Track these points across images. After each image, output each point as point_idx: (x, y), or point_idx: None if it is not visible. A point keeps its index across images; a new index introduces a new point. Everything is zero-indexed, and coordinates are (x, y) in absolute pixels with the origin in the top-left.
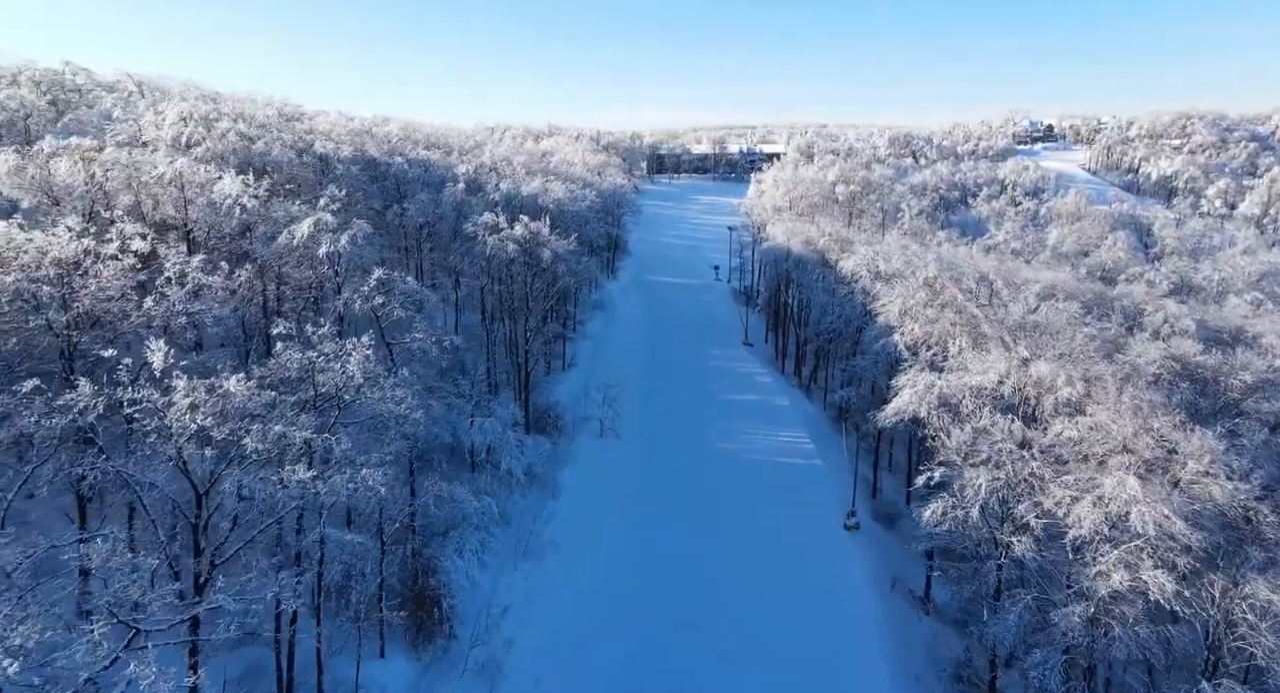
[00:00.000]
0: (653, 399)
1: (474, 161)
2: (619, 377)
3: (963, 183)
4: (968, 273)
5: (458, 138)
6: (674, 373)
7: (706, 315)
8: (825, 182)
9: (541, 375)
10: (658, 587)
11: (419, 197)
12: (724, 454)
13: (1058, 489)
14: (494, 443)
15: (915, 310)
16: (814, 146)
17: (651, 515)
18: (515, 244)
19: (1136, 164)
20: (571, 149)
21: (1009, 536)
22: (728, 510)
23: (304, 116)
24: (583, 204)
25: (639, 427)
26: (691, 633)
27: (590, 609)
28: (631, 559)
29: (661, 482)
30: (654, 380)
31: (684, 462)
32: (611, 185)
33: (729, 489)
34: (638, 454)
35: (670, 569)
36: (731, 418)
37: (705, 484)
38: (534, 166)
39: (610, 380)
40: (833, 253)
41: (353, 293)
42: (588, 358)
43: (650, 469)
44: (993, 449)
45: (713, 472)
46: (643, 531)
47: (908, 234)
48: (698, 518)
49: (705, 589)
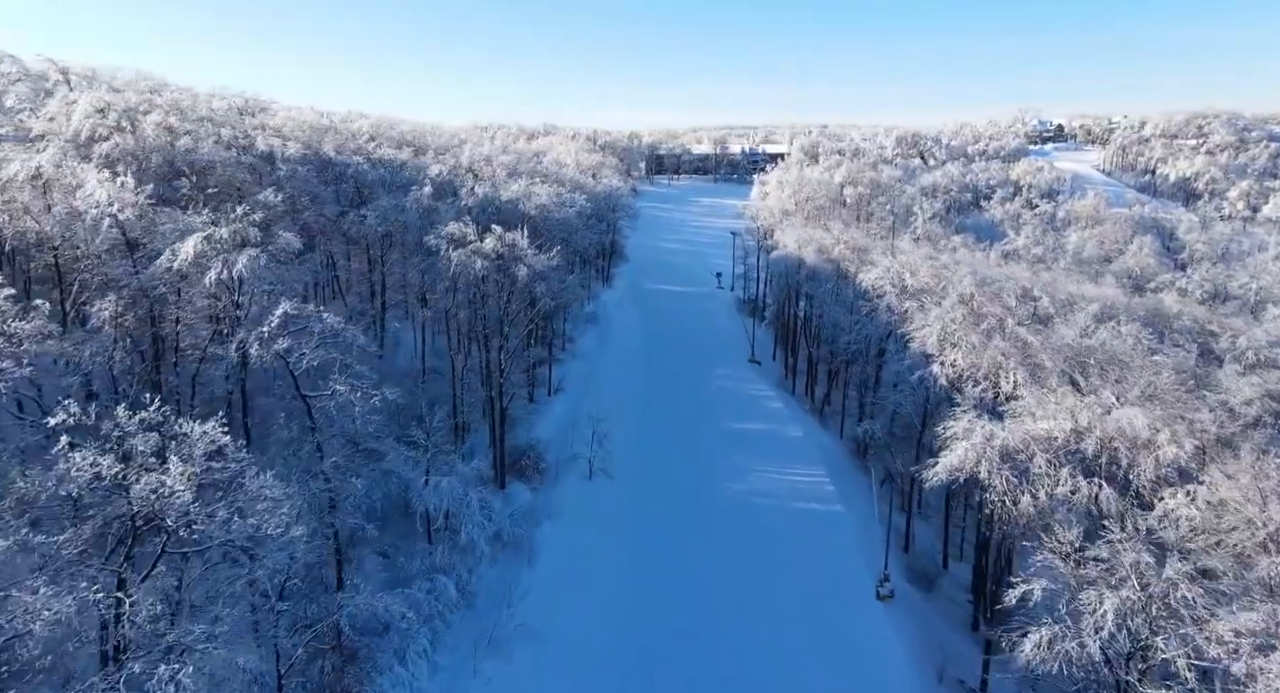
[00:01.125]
0: (650, 430)
1: (451, 162)
2: (612, 403)
3: (974, 184)
4: (1007, 288)
5: (436, 136)
6: (674, 396)
7: (709, 328)
8: (832, 183)
9: (523, 406)
10: (656, 686)
11: (379, 202)
12: (731, 499)
13: (1222, 626)
14: (453, 507)
15: (957, 335)
16: (819, 147)
17: (647, 586)
18: (485, 260)
19: (1153, 165)
20: (565, 149)
21: (1147, 687)
22: (738, 574)
23: (263, 111)
24: (570, 210)
25: (634, 465)
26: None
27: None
28: (620, 647)
29: (659, 537)
30: (652, 406)
31: (686, 510)
32: (606, 188)
33: (738, 545)
34: (632, 501)
35: (670, 661)
36: (739, 452)
37: (711, 539)
38: (520, 167)
39: (602, 409)
40: (849, 263)
41: (249, 335)
42: (578, 381)
43: (646, 521)
44: (1117, 558)
45: (719, 522)
46: (636, 607)
47: (920, 239)
48: (702, 586)
49: (715, 680)
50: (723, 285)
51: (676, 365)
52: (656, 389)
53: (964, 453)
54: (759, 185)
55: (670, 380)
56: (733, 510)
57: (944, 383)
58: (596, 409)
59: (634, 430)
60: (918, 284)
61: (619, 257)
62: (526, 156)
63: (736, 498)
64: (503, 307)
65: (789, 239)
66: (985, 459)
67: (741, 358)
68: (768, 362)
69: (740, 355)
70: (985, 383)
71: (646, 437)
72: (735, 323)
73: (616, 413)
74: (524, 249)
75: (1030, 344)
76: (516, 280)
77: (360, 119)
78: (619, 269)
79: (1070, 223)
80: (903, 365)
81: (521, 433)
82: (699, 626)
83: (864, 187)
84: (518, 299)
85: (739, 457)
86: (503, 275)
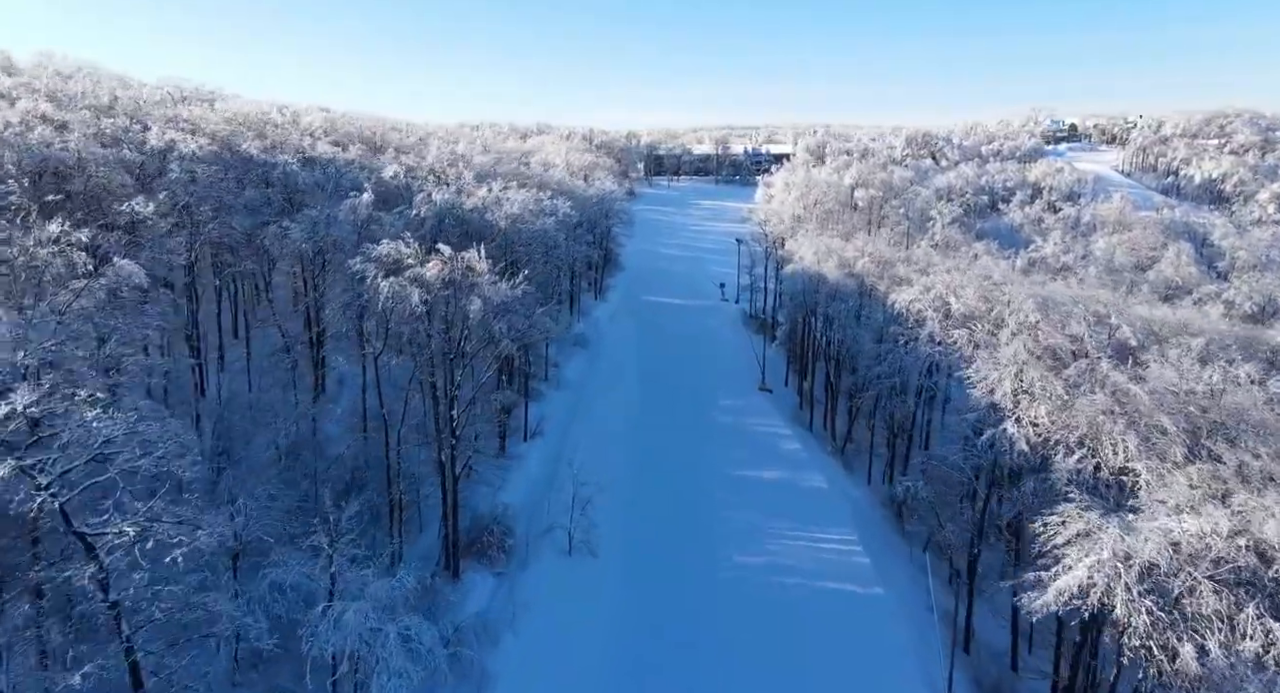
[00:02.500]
0: (645, 483)
1: (413, 162)
2: (600, 449)
3: (990, 186)
4: (1076, 313)
5: (409, 133)
6: (674, 436)
7: (713, 349)
8: (841, 185)
9: (489, 462)
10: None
11: (307, 212)
12: (745, 577)
13: None
14: (359, 648)
15: (1035, 384)
16: (825, 147)
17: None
18: (426, 291)
19: (1176, 166)
20: (555, 149)
21: None
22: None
23: (210, 102)
24: (549, 219)
25: (625, 533)
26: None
27: None
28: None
29: (658, 639)
30: (647, 451)
31: (688, 599)
32: (599, 191)
33: (758, 648)
34: (621, 586)
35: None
36: (751, 507)
37: (722, 638)
38: (500, 168)
39: (587, 458)
40: (875, 278)
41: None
42: (560, 420)
43: (640, 618)
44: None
45: (730, 614)
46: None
47: (938, 246)
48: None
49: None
50: (726, 297)
51: (676, 395)
52: (653, 428)
53: (1087, 574)
54: (764, 187)
55: (669, 415)
56: (747, 596)
57: (1024, 447)
58: (581, 456)
59: (625, 485)
60: (966, 308)
61: (613, 265)
62: (511, 156)
63: (753, 577)
64: (454, 348)
65: (805, 251)
66: (1119, 582)
67: (750, 384)
68: (780, 388)
69: (748, 381)
70: (1082, 451)
71: (641, 492)
72: (742, 341)
73: (605, 462)
74: (482, 274)
75: (1136, 397)
76: (469, 317)
77: (316, 112)
78: (613, 279)
79: (1095, 227)
80: (957, 414)
81: (484, 499)
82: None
83: (876, 189)
84: (473, 339)
85: (751, 514)
86: (452, 309)
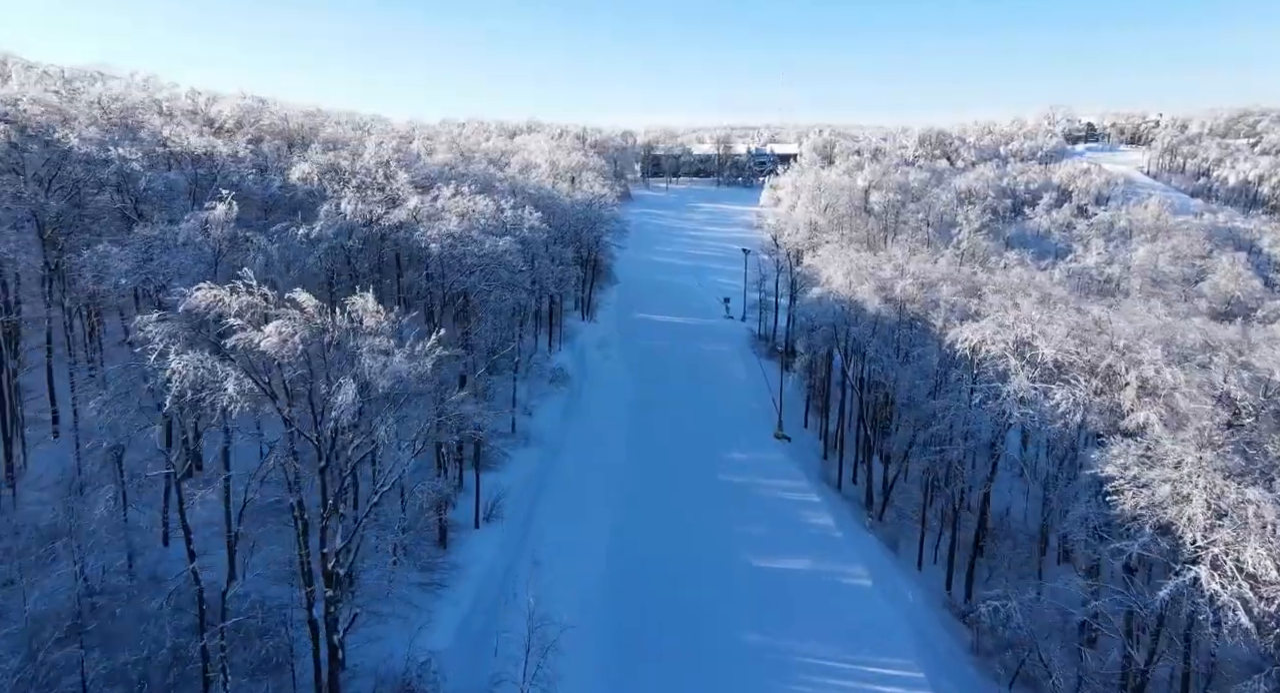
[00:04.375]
0: (633, 598)
1: (347, 160)
2: (575, 545)
3: (1012, 188)
4: (1219, 364)
5: (341, 127)
6: (672, 510)
7: (719, 382)
8: (854, 188)
9: (415, 589)
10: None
11: (140, 231)
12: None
13: None
14: None
15: (1250, 514)
16: (834, 147)
17: None
18: (258, 370)
19: (1207, 167)
20: (540, 148)
21: None
22: None
23: (100, 81)
24: (504, 239)
25: (608, 675)
26: None
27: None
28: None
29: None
30: (638, 539)
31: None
32: (588, 196)
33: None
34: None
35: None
36: (779, 630)
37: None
38: (473, 170)
39: (556, 559)
40: (917, 303)
41: None
42: (524, 495)
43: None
44: None
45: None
46: None
47: (964, 255)
48: None
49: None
50: (732, 314)
51: (675, 449)
52: (646, 502)
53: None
54: (769, 190)
55: (666, 478)
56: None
57: (1246, 623)
58: (548, 556)
59: (606, 604)
60: (1059, 355)
61: (605, 278)
62: (484, 156)
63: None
64: (325, 454)
65: (834, 272)
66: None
67: (764, 429)
68: (799, 431)
69: (762, 425)
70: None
71: (626, 614)
72: (752, 371)
73: (581, 563)
74: (377, 332)
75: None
76: (339, 417)
77: (224, 100)
78: (604, 294)
79: (1131, 233)
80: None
81: (394, 647)
82: None
83: (893, 192)
84: (358, 441)
85: (778, 636)
86: (318, 392)
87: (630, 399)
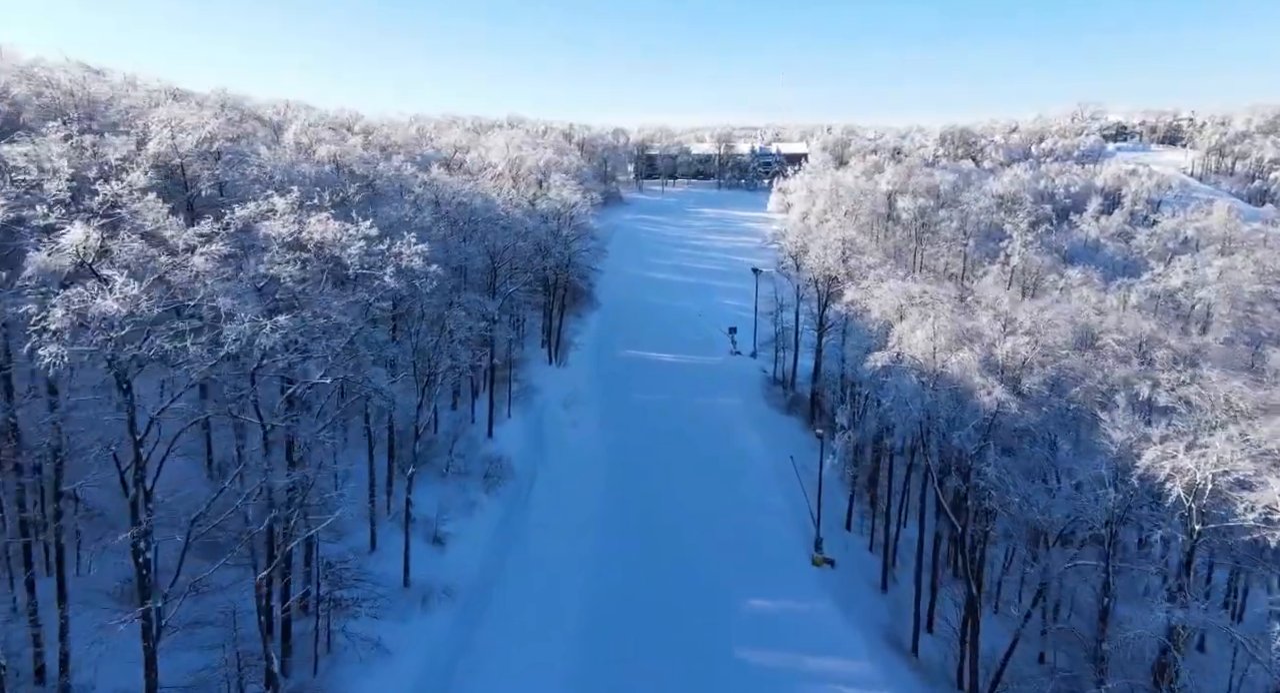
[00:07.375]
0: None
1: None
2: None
3: (1051, 192)
4: None
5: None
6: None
7: (728, 464)
8: (876, 191)
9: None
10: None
11: None
12: None
13: None
14: None
15: None
16: (847, 146)
17: None
18: None
19: (1262, 168)
20: (498, 146)
21: None
22: None
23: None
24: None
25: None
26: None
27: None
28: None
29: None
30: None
31: None
32: (553, 207)
33: None
34: None
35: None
36: None
37: None
38: (382, 170)
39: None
40: (1035, 375)
41: None
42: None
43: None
44: None
45: None
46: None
47: (1013, 276)
48: None
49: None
50: (739, 349)
51: (667, 598)
52: None
53: None
54: (778, 193)
55: (653, 666)
56: None
57: None
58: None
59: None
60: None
61: (583, 303)
62: (410, 151)
63: None
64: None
65: (917, 337)
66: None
67: (793, 546)
68: (840, 539)
69: (791, 536)
70: None
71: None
72: (769, 437)
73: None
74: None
75: None
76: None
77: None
78: (580, 326)
79: (1197, 245)
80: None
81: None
82: None
83: (922, 196)
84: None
85: None
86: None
87: (602, 501)
